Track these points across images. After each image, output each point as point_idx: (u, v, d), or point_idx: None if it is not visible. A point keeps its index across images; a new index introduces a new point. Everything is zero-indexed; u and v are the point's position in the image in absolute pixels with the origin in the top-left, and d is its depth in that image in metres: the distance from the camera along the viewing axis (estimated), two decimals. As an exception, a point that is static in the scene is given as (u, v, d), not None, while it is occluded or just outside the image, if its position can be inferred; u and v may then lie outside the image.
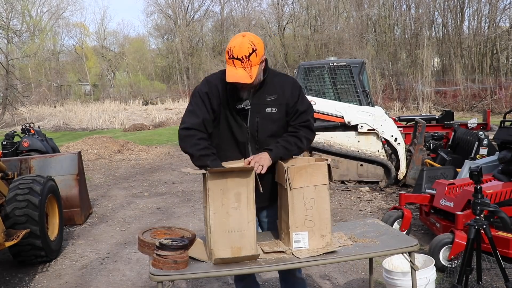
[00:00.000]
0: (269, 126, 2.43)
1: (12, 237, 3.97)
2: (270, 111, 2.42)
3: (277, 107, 2.43)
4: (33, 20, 35.17)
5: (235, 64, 2.25)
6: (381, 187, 7.21)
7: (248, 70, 2.26)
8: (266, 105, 2.42)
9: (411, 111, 19.11)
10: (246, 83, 2.29)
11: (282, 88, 2.45)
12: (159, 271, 2.13)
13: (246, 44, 2.26)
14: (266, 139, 2.44)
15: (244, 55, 2.24)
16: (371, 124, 7.18)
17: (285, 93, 2.45)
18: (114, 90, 34.93)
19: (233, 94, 2.40)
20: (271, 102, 2.42)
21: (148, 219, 6.12)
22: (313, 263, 2.30)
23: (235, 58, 2.24)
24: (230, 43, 2.28)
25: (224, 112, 2.42)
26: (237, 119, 2.42)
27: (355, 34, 24.23)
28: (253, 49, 2.26)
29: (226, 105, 2.41)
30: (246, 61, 2.24)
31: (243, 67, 2.25)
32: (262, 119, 2.42)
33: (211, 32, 39.07)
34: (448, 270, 3.67)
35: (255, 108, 2.41)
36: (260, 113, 2.42)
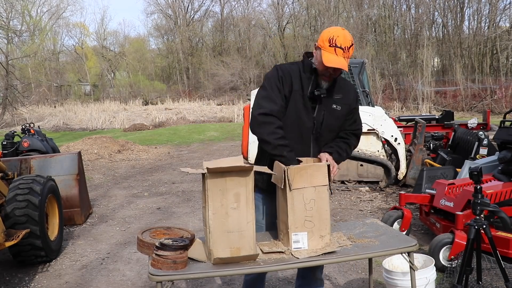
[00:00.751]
0: (332, 121, 2.56)
1: (12, 237, 3.97)
2: (335, 108, 2.56)
3: (341, 105, 2.57)
4: (33, 20, 35.18)
5: (337, 52, 2.38)
6: (381, 187, 7.21)
7: (346, 60, 2.41)
8: (333, 101, 2.55)
9: (411, 111, 19.12)
10: (339, 71, 2.43)
11: (347, 90, 2.62)
12: (159, 271, 2.13)
13: (349, 36, 2.42)
14: (326, 132, 2.57)
15: (346, 46, 2.39)
16: (371, 124, 7.18)
17: (349, 96, 2.62)
18: (114, 90, 34.94)
19: (308, 82, 2.50)
20: (337, 100, 2.56)
21: (148, 219, 6.12)
22: (312, 263, 2.29)
23: (338, 46, 2.37)
24: (332, 33, 2.39)
25: (295, 98, 2.48)
26: (308, 107, 2.51)
27: (355, 34, 24.22)
28: (352, 43, 2.43)
29: (299, 90, 2.49)
30: (346, 51, 2.40)
31: (344, 56, 2.39)
32: (328, 114, 2.54)
33: (211, 32, 39.10)
34: (448, 270, 3.67)
35: (324, 102, 2.53)
36: (327, 107, 2.54)
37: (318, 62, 2.45)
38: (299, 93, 2.48)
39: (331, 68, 2.40)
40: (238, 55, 32.28)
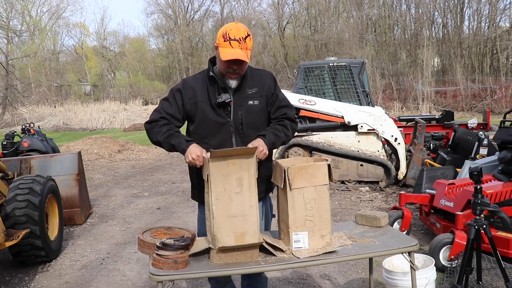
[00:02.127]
0: (253, 118, 2.48)
1: (12, 237, 3.97)
2: (252, 103, 2.48)
3: (258, 99, 2.49)
4: (33, 20, 35.17)
5: (232, 45, 2.32)
6: (381, 187, 7.22)
7: (245, 51, 2.34)
8: (247, 97, 2.48)
9: (411, 111, 19.12)
10: (242, 65, 2.36)
11: (261, 81, 2.53)
12: (159, 271, 2.13)
13: (242, 28, 2.36)
14: (251, 131, 2.47)
15: (241, 37, 2.32)
16: (371, 124, 7.18)
17: (264, 85, 2.52)
18: (114, 90, 34.91)
19: (213, 90, 2.45)
20: (252, 94, 2.48)
21: (148, 219, 6.12)
22: (313, 263, 2.29)
23: (232, 39, 2.31)
24: (225, 28, 2.35)
25: (203, 109, 2.45)
26: (219, 113, 2.45)
27: (355, 34, 24.24)
28: (248, 33, 2.36)
29: (207, 101, 2.45)
30: (243, 42, 2.33)
31: (240, 48, 2.33)
32: (245, 112, 2.46)
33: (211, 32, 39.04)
34: (448, 270, 3.67)
35: (237, 102, 2.46)
36: (243, 106, 2.47)
37: (219, 62, 2.41)
38: (205, 103, 2.45)
39: (233, 63, 2.35)
40: (238, 55, 32.24)
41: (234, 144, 2.47)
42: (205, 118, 2.46)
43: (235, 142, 2.47)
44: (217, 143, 2.44)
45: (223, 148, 2.32)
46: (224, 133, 2.46)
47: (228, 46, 2.32)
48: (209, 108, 2.45)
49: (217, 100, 2.42)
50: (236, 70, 2.39)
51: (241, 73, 2.42)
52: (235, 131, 2.46)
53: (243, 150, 2.20)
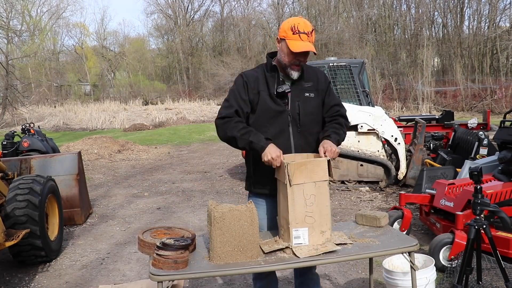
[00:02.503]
0: (309, 109, 2.57)
1: (12, 237, 3.97)
2: (309, 96, 2.58)
3: (314, 92, 2.60)
4: (33, 20, 35.19)
5: (302, 38, 2.41)
6: (381, 187, 7.22)
7: (312, 44, 2.44)
8: (304, 90, 2.57)
9: (411, 111, 19.12)
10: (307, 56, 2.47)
11: (316, 77, 2.64)
12: (159, 271, 2.13)
13: (308, 22, 2.47)
14: (307, 122, 2.57)
15: (309, 31, 2.43)
16: (371, 124, 7.18)
17: (319, 81, 2.64)
18: (114, 90, 34.94)
19: (273, 81, 2.54)
20: (308, 87, 2.59)
21: (148, 219, 6.12)
22: (313, 262, 2.29)
23: (301, 32, 2.41)
24: (292, 22, 2.44)
25: (263, 99, 2.52)
26: (278, 103, 2.53)
27: (355, 34, 24.25)
28: (313, 27, 2.48)
29: (266, 91, 2.53)
30: (310, 36, 2.44)
31: (309, 40, 2.43)
32: (302, 102, 2.55)
33: (211, 32, 39.10)
34: (448, 270, 3.67)
35: (294, 93, 2.55)
36: (300, 97, 2.56)
37: (285, 54, 2.47)
38: (265, 93, 2.53)
39: (300, 55, 2.44)
40: (238, 55, 32.28)
41: (291, 134, 2.54)
42: (265, 107, 2.52)
43: (291, 131, 2.54)
44: (275, 131, 2.52)
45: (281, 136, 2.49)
46: (281, 121, 2.53)
47: (298, 39, 2.41)
48: (269, 98, 2.53)
49: (278, 90, 2.51)
50: (301, 62, 2.49)
51: (303, 64, 2.53)
52: (292, 120, 2.54)
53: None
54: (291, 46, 2.41)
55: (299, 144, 2.54)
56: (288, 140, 2.53)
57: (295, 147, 2.53)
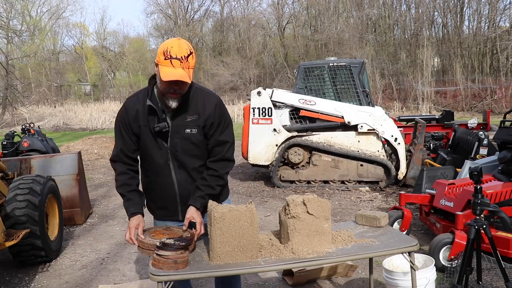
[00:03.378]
0: (189, 147, 2.41)
1: (12, 237, 3.97)
2: (190, 132, 2.39)
3: (196, 128, 2.39)
4: (33, 20, 35.17)
5: (174, 64, 2.20)
6: (381, 187, 7.22)
7: (187, 70, 2.23)
8: (185, 125, 2.38)
9: (411, 111, 19.12)
10: (183, 85, 2.26)
11: (204, 108, 2.39)
12: (159, 271, 2.13)
13: (184, 45, 2.25)
14: (187, 159, 2.44)
15: (183, 55, 2.21)
16: (371, 124, 7.18)
17: (205, 113, 2.39)
18: (114, 90, 34.91)
19: (153, 114, 2.37)
20: (191, 122, 2.38)
21: (148, 219, 6.10)
22: (313, 263, 2.30)
23: (173, 58, 2.20)
24: (166, 45, 2.24)
25: (145, 133, 2.42)
26: (157, 140, 2.41)
27: (355, 34, 24.24)
28: (190, 51, 2.25)
29: (146, 125, 2.41)
30: (185, 61, 2.22)
31: (182, 67, 2.22)
32: (182, 140, 2.39)
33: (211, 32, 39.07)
34: (448, 270, 3.67)
35: (175, 129, 2.39)
36: (180, 133, 2.39)
37: (159, 80, 2.27)
38: (146, 128, 2.40)
39: (173, 84, 2.23)
40: (238, 55, 32.27)
41: (172, 169, 2.45)
42: (146, 143, 2.44)
43: (172, 167, 2.45)
44: (158, 165, 2.46)
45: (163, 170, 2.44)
46: (162, 157, 2.43)
47: (169, 65, 2.20)
48: (149, 133, 2.41)
49: (155, 129, 2.36)
50: (176, 90, 2.27)
51: (182, 92, 2.31)
52: (172, 156, 2.43)
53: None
54: (161, 73, 2.22)
55: (181, 178, 2.46)
56: (170, 175, 2.46)
57: (177, 182, 2.47)
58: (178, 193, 2.48)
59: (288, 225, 2.31)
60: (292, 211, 2.30)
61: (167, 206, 2.54)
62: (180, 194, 2.48)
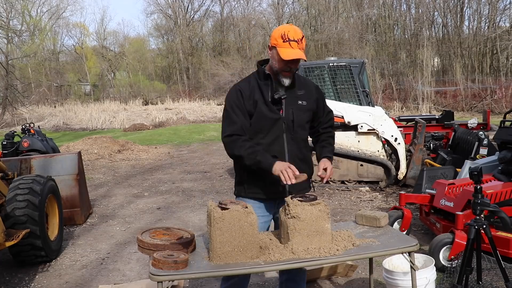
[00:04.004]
0: (302, 117, 2.64)
1: (12, 237, 3.97)
2: (302, 104, 2.64)
3: (306, 100, 2.65)
4: (33, 20, 35.17)
5: (292, 45, 2.45)
6: (381, 187, 7.21)
7: (303, 50, 2.49)
8: (297, 98, 2.63)
9: (411, 111, 19.12)
10: (298, 63, 2.53)
11: (308, 86, 2.72)
12: (159, 271, 2.13)
13: (298, 29, 2.51)
14: (299, 129, 2.64)
15: (299, 38, 2.47)
16: (371, 124, 7.18)
17: (311, 90, 2.71)
18: (114, 90, 34.92)
19: (267, 88, 2.58)
20: (301, 96, 2.64)
21: (148, 219, 6.12)
22: (313, 263, 2.30)
23: (291, 40, 2.45)
24: (282, 30, 2.48)
25: (260, 107, 2.57)
26: (273, 110, 2.58)
27: (355, 34, 24.24)
28: (303, 34, 2.52)
29: (261, 99, 2.57)
30: (300, 43, 2.48)
31: (299, 48, 2.47)
32: (296, 110, 2.61)
33: (211, 32, 39.10)
34: (448, 270, 3.67)
35: (289, 100, 2.60)
36: (294, 104, 2.61)
37: (276, 61, 2.51)
38: (261, 101, 2.57)
39: (290, 62, 2.48)
40: (238, 55, 32.29)
41: (285, 141, 2.60)
42: (262, 115, 2.57)
43: (285, 138, 2.60)
44: (271, 138, 2.59)
45: (276, 142, 2.57)
46: (276, 129, 2.59)
47: (288, 47, 2.45)
48: (265, 106, 2.57)
49: (275, 96, 2.55)
50: (292, 69, 2.53)
51: (295, 70, 2.58)
52: (286, 127, 2.60)
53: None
54: (281, 53, 2.45)
55: (292, 150, 2.62)
56: (282, 146, 2.60)
57: (288, 153, 2.60)
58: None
59: (288, 225, 2.31)
60: (292, 211, 2.30)
61: (275, 181, 2.50)
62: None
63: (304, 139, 2.70)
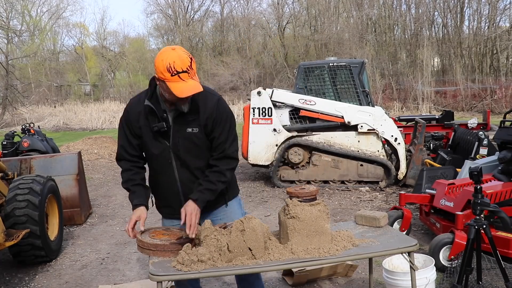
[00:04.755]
0: (191, 146, 2.41)
1: (12, 237, 3.97)
2: (191, 131, 2.38)
3: (198, 127, 2.38)
4: (33, 20, 35.15)
5: (182, 77, 2.18)
6: (381, 187, 7.21)
7: (195, 78, 2.23)
8: (187, 124, 2.38)
9: (411, 111, 19.11)
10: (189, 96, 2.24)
11: (204, 109, 2.37)
12: (159, 271, 2.13)
13: (183, 54, 2.21)
14: (190, 158, 2.43)
15: (188, 66, 2.19)
16: (371, 124, 7.18)
17: (204, 115, 2.37)
18: (114, 90, 34.89)
19: (153, 114, 2.37)
20: (192, 121, 2.37)
21: (148, 219, 6.09)
22: (312, 263, 2.30)
23: (180, 72, 2.17)
24: (166, 60, 2.17)
25: (146, 133, 2.43)
26: (159, 139, 2.42)
27: (355, 34, 24.23)
28: (190, 57, 2.23)
29: (147, 126, 2.41)
30: (191, 70, 2.21)
31: (191, 77, 2.21)
32: (183, 139, 2.39)
33: (211, 32, 39.06)
34: (448, 270, 3.67)
35: (176, 128, 2.39)
36: (181, 132, 2.39)
37: (169, 95, 2.24)
38: (146, 128, 2.41)
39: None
40: (238, 55, 32.26)
41: (175, 169, 2.46)
42: (146, 145, 2.47)
43: (175, 166, 2.46)
44: (160, 165, 2.47)
45: (166, 170, 2.45)
46: (164, 157, 2.44)
47: (179, 80, 2.18)
48: (150, 134, 2.42)
49: (154, 129, 2.37)
50: (188, 98, 2.27)
51: (187, 100, 2.31)
52: (175, 156, 2.43)
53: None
54: (174, 91, 2.18)
55: (184, 177, 2.47)
56: (173, 174, 2.47)
57: (180, 181, 2.48)
58: (181, 192, 2.50)
59: (287, 226, 2.31)
60: (291, 211, 2.30)
61: (171, 204, 2.55)
62: (183, 192, 2.49)
63: (199, 167, 2.45)
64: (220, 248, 2.21)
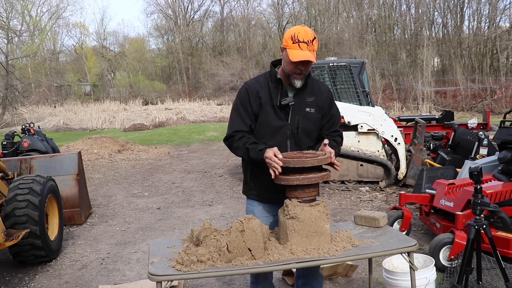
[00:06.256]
0: (308, 125, 2.60)
1: (12, 237, 3.97)
2: (309, 111, 2.59)
3: (315, 108, 2.60)
4: (33, 20, 35.15)
5: (301, 46, 2.41)
6: (381, 187, 7.21)
7: (313, 52, 2.43)
8: (306, 104, 2.58)
9: (411, 111, 19.12)
10: (308, 65, 2.46)
11: (320, 92, 2.64)
12: (159, 271, 2.13)
13: (309, 31, 2.45)
14: (304, 136, 2.60)
15: (309, 39, 2.41)
16: (371, 124, 7.18)
17: (322, 97, 2.63)
18: (114, 90, 34.88)
19: (276, 92, 2.56)
20: (310, 102, 2.59)
21: (148, 219, 6.11)
22: (312, 263, 2.29)
23: (301, 41, 2.40)
24: (293, 31, 2.43)
25: (266, 111, 2.55)
26: (280, 116, 2.56)
27: (355, 34, 24.24)
28: (314, 36, 2.46)
29: (269, 102, 2.55)
30: (310, 44, 2.42)
31: (309, 49, 2.42)
32: (302, 118, 2.58)
33: (211, 32, 39.08)
34: (448, 270, 3.67)
35: (296, 107, 2.57)
36: (301, 111, 2.57)
37: (286, 63, 2.48)
38: (268, 104, 2.55)
39: (300, 64, 2.44)
40: (238, 55, 32.27)
41: (288, 147, 2.57)
42: (267, 120, 2.56)
43: (289, 144, 2.58)
44: (274, 144, 2.52)
45: (279, 148, 2.42)
46: (281, 135, 2.57)
47: (297, 48, 2.41)
48: (271, 110, 2.55)
49: (282, 102, 2.53)
50: (302, 71, 2.48)
51: (306, 73, 2.52)
52: (290, 134, 2.57)
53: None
54: (290, 55, 2.42)
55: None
56: (285, 152, 2.54)
57: None
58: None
59: (287, 226, 2.31)
60: (291, 211, 2.30)
61: (275, 187, 2.50)
62: None
63: (310, 147, 2.64)
64: (219, 248, 2.21)
